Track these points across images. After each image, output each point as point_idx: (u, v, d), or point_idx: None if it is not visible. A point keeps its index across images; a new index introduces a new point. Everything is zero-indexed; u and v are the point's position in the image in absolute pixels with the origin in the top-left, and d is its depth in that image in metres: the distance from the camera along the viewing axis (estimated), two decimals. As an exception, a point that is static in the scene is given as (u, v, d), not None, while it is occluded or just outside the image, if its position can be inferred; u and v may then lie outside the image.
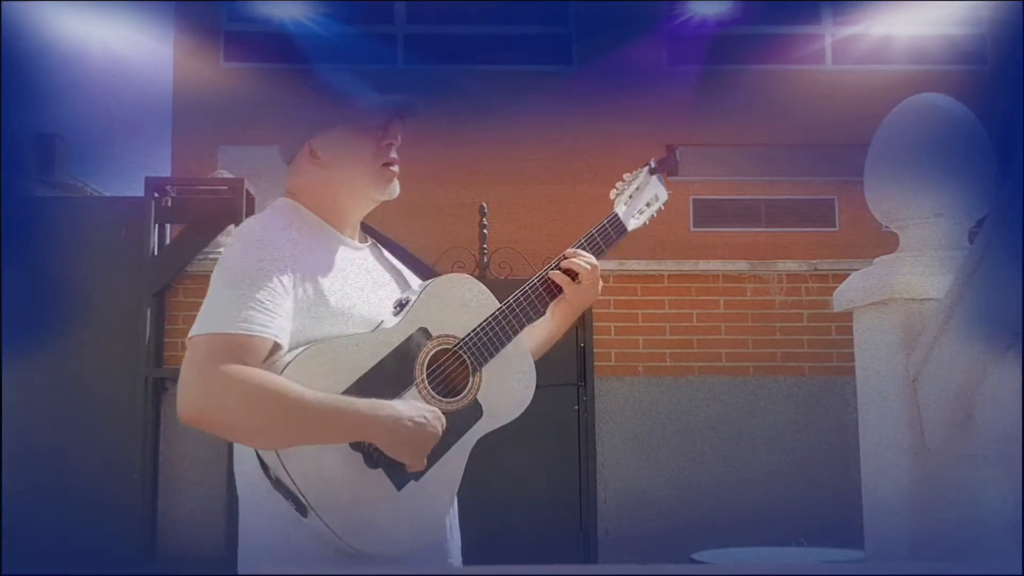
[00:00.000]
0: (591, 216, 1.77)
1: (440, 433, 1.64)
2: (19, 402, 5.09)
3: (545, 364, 1.95)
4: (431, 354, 1.71)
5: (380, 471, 1.63)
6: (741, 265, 5.98)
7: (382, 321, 1.71)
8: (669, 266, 5.95)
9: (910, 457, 2.39)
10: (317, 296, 1.64)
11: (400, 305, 1.76)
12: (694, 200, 11.14)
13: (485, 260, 5.93)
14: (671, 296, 5.93)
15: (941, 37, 10.43)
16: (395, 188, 1.78)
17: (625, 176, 1.95)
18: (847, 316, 2.75)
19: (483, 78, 9.94)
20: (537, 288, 1.84)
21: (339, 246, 1.75)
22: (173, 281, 5.76)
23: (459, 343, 1.73)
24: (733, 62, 10.63)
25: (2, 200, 4.94)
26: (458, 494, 1.89)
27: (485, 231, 6.02)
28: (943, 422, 2.33)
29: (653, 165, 1.97)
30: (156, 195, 5.86)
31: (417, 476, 1.65)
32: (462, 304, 1.77)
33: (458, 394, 1.73)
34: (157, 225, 5.84)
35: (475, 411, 1.74)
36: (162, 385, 5.62)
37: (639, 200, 1.93)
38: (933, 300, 2.39)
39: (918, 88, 2.82)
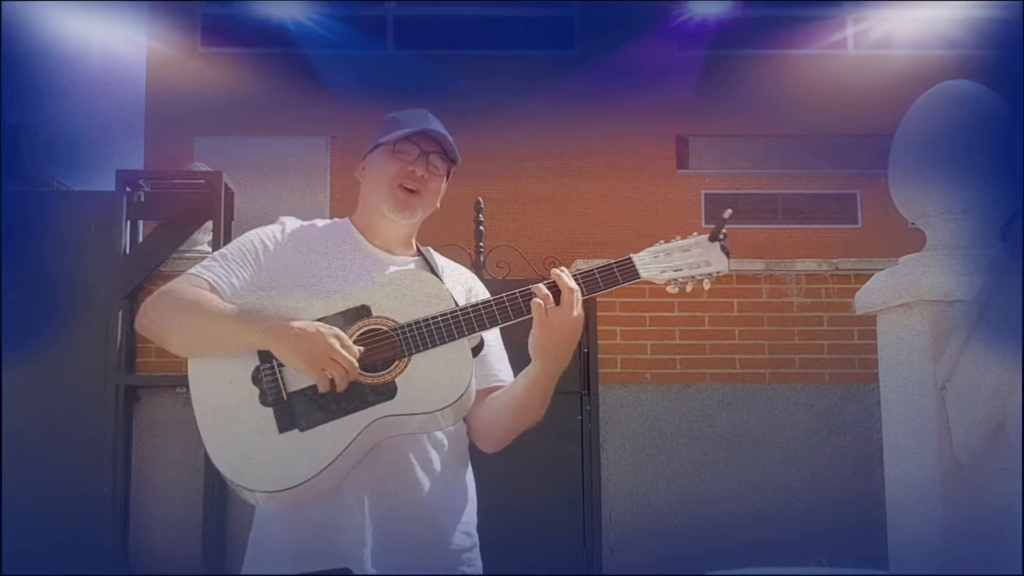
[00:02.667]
0: (591, 216, 1.73)
1: (336, 348, 1.80)
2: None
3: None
4: (363, 329, 1.88)
5: (269, 412, 1.83)
6: (756, 265, 5.98)
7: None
8: (679, 266, 5.93)
9: (938, 470, 2.39)
10: (300, 277, 1.94)
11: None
12: (706, 195, 11.13)
13: (482, 259, 5.93)
14: (681, 298, 5.86)
15: (971, 20, 10.43)
16: (409, 211, 2.01)
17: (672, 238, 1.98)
18: (870, 319, 2.75)
19: (479, 63, 9.94)
20: (510, 298, 1.89)
21: (356, 251, 2.02)
22: (146, 282, 5.74)
23: (397, 327, 1.86)
24: (747, 47, 10.64)
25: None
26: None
27: (481, 228, 6.02)
28: (973, 432, 2.33)
29: (714, 235, 1.99)
30: (128, 189, 5.85)
31: (302, 427, 1.82)
32: (415, 299, 1.89)
33: (379, 371, 1.86)
34: (129, 221, 5.82)
35: (387, 391, 1.84)
36: (135, 394, 5.58)
37: (676, 259, 1.97)
38: (962, 302, 2.39)
39: (947, 75, 2.83)
